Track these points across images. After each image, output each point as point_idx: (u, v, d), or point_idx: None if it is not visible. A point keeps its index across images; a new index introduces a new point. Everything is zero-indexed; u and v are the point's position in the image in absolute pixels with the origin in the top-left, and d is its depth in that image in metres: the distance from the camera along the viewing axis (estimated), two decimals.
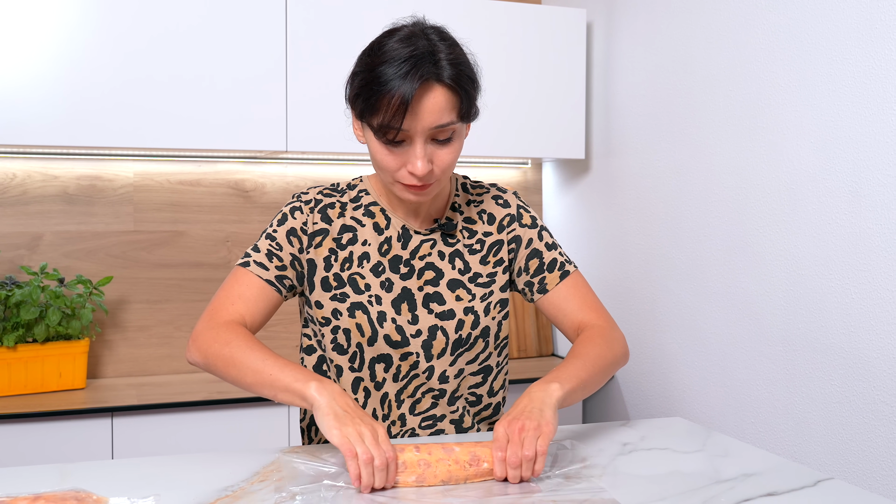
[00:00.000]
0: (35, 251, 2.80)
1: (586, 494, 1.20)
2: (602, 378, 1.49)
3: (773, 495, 1.21)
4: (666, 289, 2.70)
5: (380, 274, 1.54)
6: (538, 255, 1.61)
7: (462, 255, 1.58)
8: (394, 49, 1.34)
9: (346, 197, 1.59)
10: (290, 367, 1.34)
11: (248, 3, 2.66)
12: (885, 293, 1.89)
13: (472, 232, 1.60)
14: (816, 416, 2.09)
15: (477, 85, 1.42)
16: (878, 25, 1.90)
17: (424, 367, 1.54)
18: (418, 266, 1.55)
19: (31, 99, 2.46)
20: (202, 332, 1.45)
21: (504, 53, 2.97)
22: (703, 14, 2.49)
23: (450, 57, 1.36)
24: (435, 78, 1.33)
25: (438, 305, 1.54)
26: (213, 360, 1.41)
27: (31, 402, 2.47)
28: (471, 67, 1.41)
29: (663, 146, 2.70)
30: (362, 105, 1.36)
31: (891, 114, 1.87)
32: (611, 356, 1.51)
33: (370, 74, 1.34)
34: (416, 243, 1.56)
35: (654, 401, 2.78)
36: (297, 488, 1.20)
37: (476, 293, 1.57)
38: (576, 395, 1.39)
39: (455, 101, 1.36)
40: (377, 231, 1.55)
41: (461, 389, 1.58)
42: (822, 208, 2.06)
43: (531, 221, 1.64)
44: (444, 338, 1.54)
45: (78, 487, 1.16)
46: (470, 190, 1.65)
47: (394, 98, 1.31)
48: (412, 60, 1.32)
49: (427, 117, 1.34)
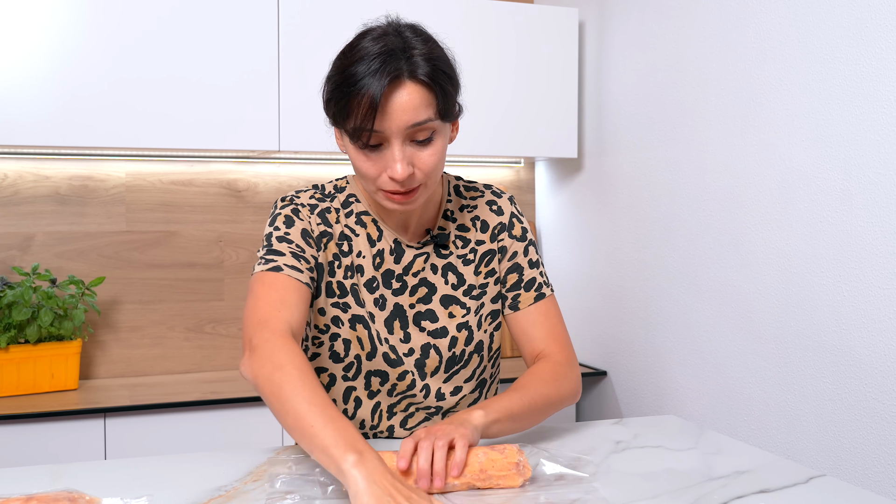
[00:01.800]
0: (27, 252, 2.79)
1: (578, 493, 1.20)
2: (539, 416, 1.43)
3: (765, 492, 1.22)
4: (658, 287, 2.71)
5: (373, 290, 1.48)
6: (518, 271, 1.56)
7: (455, 267, 1.53)
8: (365, 48, 1.29)
9: (336, 202, 1.51)
10: (332, 424, 1.16)
11: (241, 3, 2.66)
12: (877, 291, 1.90)
13: (466, 241, 1.55)
14: (808, 414, 2.10)
15: (455, 81, 1.35)
16: (868, 25, 1.91)
17: (420, 385, 1.50)
18: (411, 283, 1.50)
19: (22, 99, 2.46)
20: (260, 346, 1.29)
21: (497, 53, 2.97)
22: (695, 14, 2.51)
23: (423, 52, 1.29)
24: (407, 74, 1.27)
25: (431, 323, 1.50)
26: (262, 384, 1.26)
27: (24, 404, 2.47)
28: (447, 63, 1.34)
29: (655, 145, 2.71)
30: (335, 109, 1.31)
31: (881, 113, 1.88)
32: (555, 395, 1.46)
33: (341, 76, 1.29)
34: (409, 258, 1.50)
35: (647, 399, 2.79)
36: (290, 487, 1.19)
37: (470, 307, 1.52)
38: (503, 426, 1.34)
39: (430, 97, 1.29)
40: (370, 242, 1.49)
41: (460, 408, 1.55)
42: (813, 207, 2.07)
43: (521, 233, 1.58)
44: (438, 356, 1.50)
45: (70, 488, 1.15)
46: (463, 193, 1.59)
47: (363, 98, 1.25)
48: (382, 57, 1.26)
49: (400, 116, 1.27)
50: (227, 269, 3.03)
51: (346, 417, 1.20)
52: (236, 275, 3.04)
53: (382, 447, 1.45)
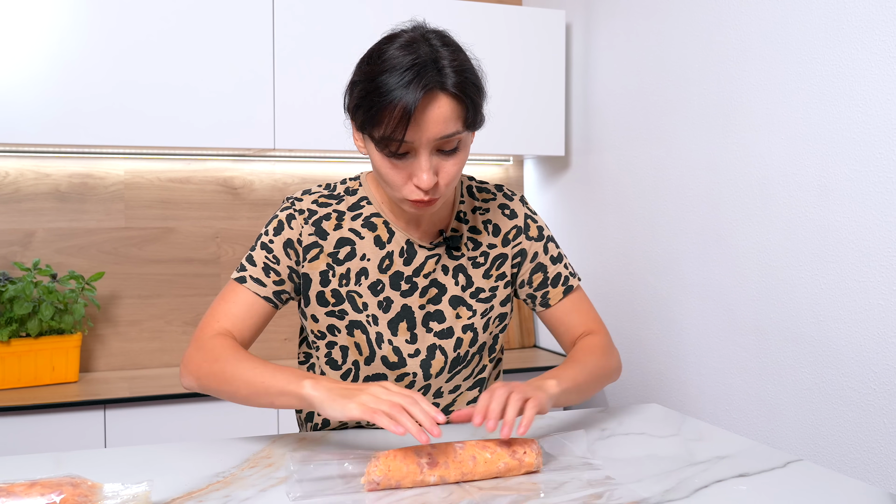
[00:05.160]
0: (28, 248, 2.81)
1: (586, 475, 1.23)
2: (596, 387, 1.46)
3: (743, 476, 1.24)
4: (643, 281, 2.73)
5: (378, 293, 1.46)
6: (542, 270, 1.56)
7: (465, 269, 1.51)
8: (395, 57, 1.25)
9: (344, 204, 1.49)
10: (280, 371, 1.27)
11: (237, 2, 2.67)
12: (853, 284, 1.91)
13: (477, 243, 1.53)
14: (787, 402, 2.11)
15: (482, 92, 1.33)
16: (844, 27, 1.92)
17: (421, 385, 1.50)
18: (421, 284, 1.48)
19: (23, 98, 2.47)
20: (191, 356, 1.38)
21: (486, 54, 2.91)
22: (678, 16, 2.52)
23: (453, 64, 1.26)
24: (439, 87, 1.24)
25: (438, 324, 1.48)
26: (206, 381, 1.34)
27: (25, 396, 2.48)
28: (475, 74, 1.32)
29: (640, 143, 2.72)
30: (363, 116, 1.27)
31: (857, 111, 1.89)
32: (607, 368, 1.50)
33: (371, 84, 1.25)
34: (421, 260, 1.48)
35: (632, 388, 2.81)
36: (290, 469, 1.21)
37: (477, 309, 1.51)
38: (570, 396, 1.36)
39: (460, 109, 1.27)
40: (378, 245, 1.47)
41: (457, 405, 1.56)
42: (792, 203, 2.08)
43: (538, 233, 1.57)
44: (443, 357, 1.49)
45: (73, 474, 1.13)
46: (476, 195, 1.56)
47: (396, 109, 1.22)
48: (415, 69, 1.22)
49: (432, 128, 1.25)
50: (224, 265, 3.05)
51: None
52: (232, 270, 3.03)
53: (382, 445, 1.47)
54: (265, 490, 1.17)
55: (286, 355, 3.14)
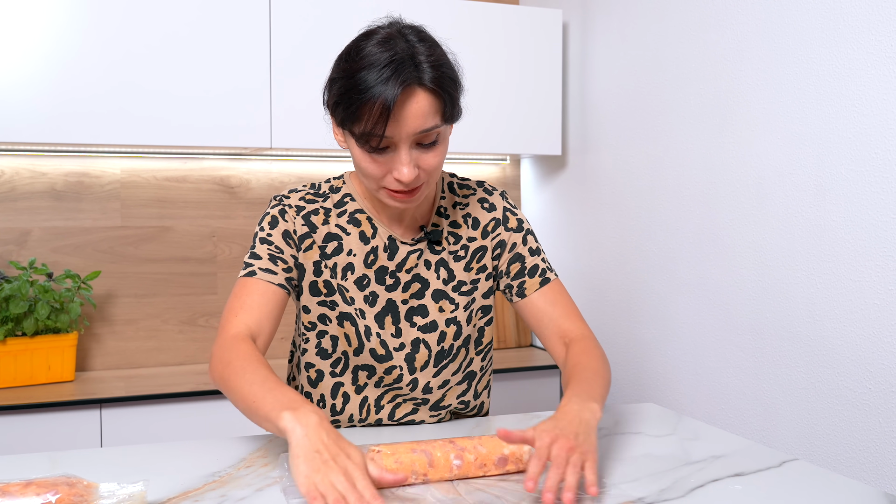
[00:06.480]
0: (24, 246, 2.81)
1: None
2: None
3: (739, 475, 1.24)
4: (640, 280, 2.73)
5: (364, 287, 1.49)
6: (520, 260, 1.57)
7: (447, 263, 1.53)
8: (373, 53, 1.27)
9: (330, 202, 1.51)
10: (271, 393, 1.19)
11: (235, 2, 2.67)
12: (849, 283, 1.92)
13: (457, 237, 1.55)
14: (783, 402, 2.11)
15: (459, 85, 1.35)
16: (841, 27, 1.92)
17: (408, 379, 1.51)
18: (404, 279, 1.50)
19: (19, 97, 2.47)
20: (213, 353, 1.35)
21: (483, 53, 2.99)
22: (675, 15, 2.52)
23: (430, 59, 1.28)
24: (417, 82, 1.26)
25: (421, 318, 1.51)
26: (219, 384, 1.32)
27: (21, 395, 2.47)
28: (452, 68, 1.34)
29: (637, 143, 2.73)
30: (343, 113, 1.29)
31: (853, 111, 1.89)
32: (609, 372, 1.48)
33: (350, 81, 1.28)
34: (403, 255, 1.50)
35: (628, 388, 2.81)
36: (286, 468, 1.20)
37: (459, 302, 1.53)
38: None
39: (438, 103, 1.29)
40: (363, 240, 1.50)
41: (446, 399, 1.56)
42: (788, 202, 2.08)
43: (517, 225, 1.59)
44: (427, 350, 1.51)
45: (68, 473, 1.16)
46: (457, 190, 1.59)
47: (376, 105, 1.24)
48: (393, 65, 1.24)
49: (411, 123, 1.27)
50: (220, 264, 3.05)
51: (286, 384, 1.23)
52: (229, 269, 3.06)
53: (381, 442, 1.47)
54: (261, 490, 1.17)
55: (285, 355, 3.14)
